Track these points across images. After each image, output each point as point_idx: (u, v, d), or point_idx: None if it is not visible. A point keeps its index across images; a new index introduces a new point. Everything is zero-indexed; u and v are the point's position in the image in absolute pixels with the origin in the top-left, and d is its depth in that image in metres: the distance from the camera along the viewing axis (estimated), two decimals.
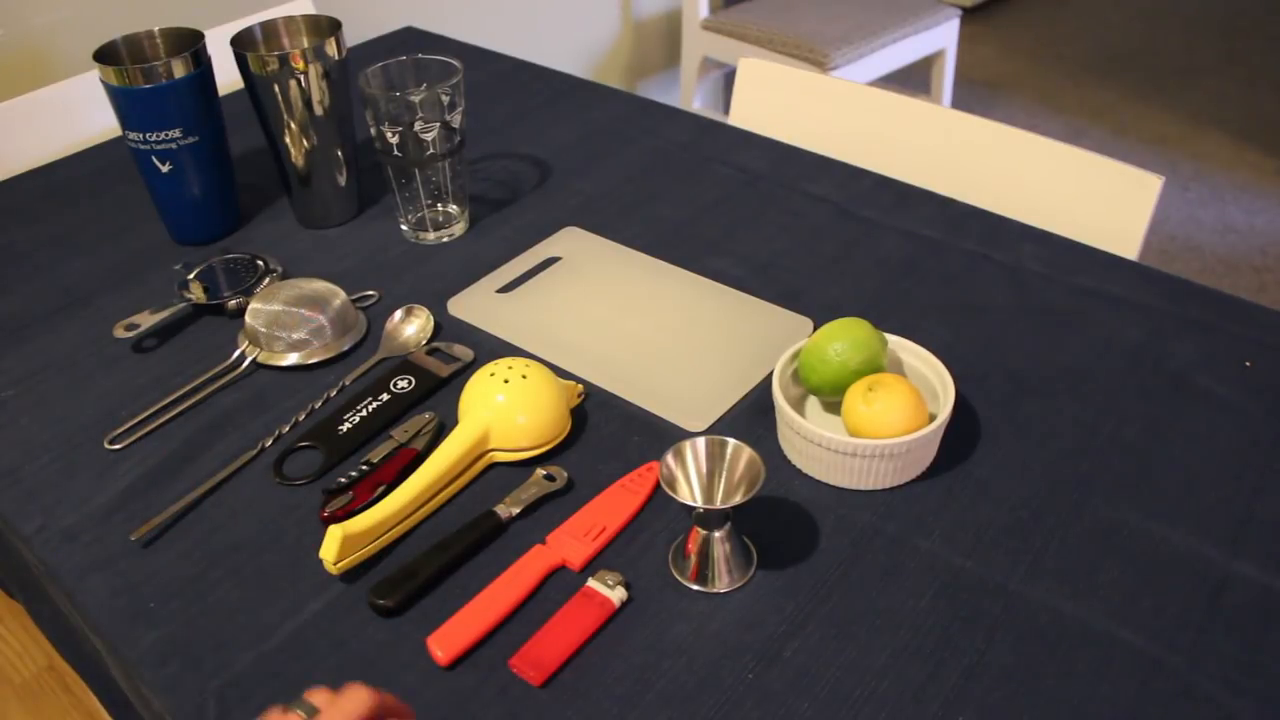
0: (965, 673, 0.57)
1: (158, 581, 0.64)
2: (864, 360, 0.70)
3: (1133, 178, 0.96)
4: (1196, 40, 3.29)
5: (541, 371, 0.72)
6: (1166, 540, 0.63)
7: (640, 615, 0.61)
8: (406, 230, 0.97)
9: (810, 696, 0.56)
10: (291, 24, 0.97)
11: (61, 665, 1.51)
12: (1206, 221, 2.40)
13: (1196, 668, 0.56)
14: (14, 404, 0.80)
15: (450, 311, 0.87)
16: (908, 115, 1.13)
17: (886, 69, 2.31)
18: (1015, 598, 0.60)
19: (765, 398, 0.76)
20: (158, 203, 0.97)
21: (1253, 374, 0.76)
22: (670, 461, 0.61)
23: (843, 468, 0.67)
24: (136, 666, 0.60)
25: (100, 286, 0.93)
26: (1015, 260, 0.89)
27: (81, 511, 0.70)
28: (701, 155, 1.08)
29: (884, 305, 0.85)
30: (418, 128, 0.88)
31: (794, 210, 0.98)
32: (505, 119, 1.18)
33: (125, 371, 0.82)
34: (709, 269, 0.90)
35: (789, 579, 0.62)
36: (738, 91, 1.24)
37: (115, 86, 0.89)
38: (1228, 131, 2.76)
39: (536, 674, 0.57)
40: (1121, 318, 0.82)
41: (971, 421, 0.73)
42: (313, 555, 0.65)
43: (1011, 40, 3.35)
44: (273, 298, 0.82)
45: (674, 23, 2.63)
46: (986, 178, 1.05)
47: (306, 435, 0.74)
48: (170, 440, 0.75)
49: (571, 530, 0.65)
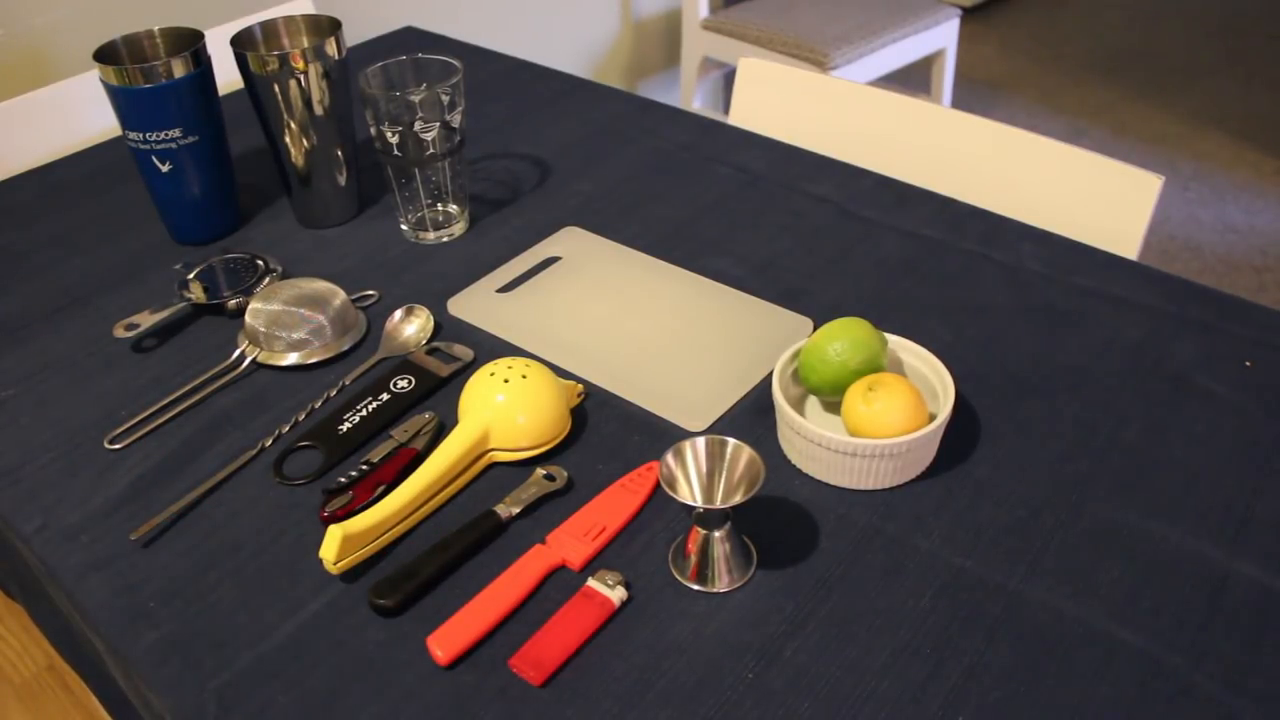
0: (965, 673, 0.57)
1: (158, 581, 0.65)
2: (864, 360, 0.70)
3: (1133, 178, 0.96)
4: (1196, 40, 3.29)
5: (541, 371, 0.72)
6: (1166, 540, 0.63)
7: (640, 615, 0.61)
8: (406, 230, 0.97)
9: (810, 696, 0.56)
10: (291, 24, 0.97)
11: (61, 665, 1.51)
12: (1206, 221, 2.40)
13: (1196, 668, 0.56)
14: (14, 404, 0.80)
15: (450, 311, 0.87)
16: (908, 115, 1.13)
17: (886, 69, 2.31)
18: (1015, 598, 0.61)
19: (765, 398, 0.76)
20: (158, 203, 0.97)
21: (1253, 374, 0.76)
22: (670, 461, 0.61)
23: (843, 468, 0.67)
24: (136, 666, 0.60)
25: (100, 286, 0.93)
26: (1015, 260, 0.89)
27: (81, 511, 0.70)
28: (701, 155, 1.08)
29: (884, 305, 0.85)
30: (418, 128, 0.88)
31: (794, 210, 0.98)
32: (505, 119, 1.18)
33: (125, 371, 0.82)
34: (709, 269, 0.90)
35: (789, 579, 0.62)
36: (738, 91, 1.24)
37: (115, 86, 0.89)
38: (1227, 131, 2.76)
39: (536, 674, 0.57)
40: (1121, 318, 0.82)
41: (971, 421, 0.73)
42: (313, 555, 0.65)
43: (1011, 40, 3.35)
44: (273, 298, 0.82)
45: (674, 23, 2.63)
46: (986, 178, 1.05)
47: (306, 435, 0.74)
48: (170, 440, 0.75)
49: (571, 530, 0.65)
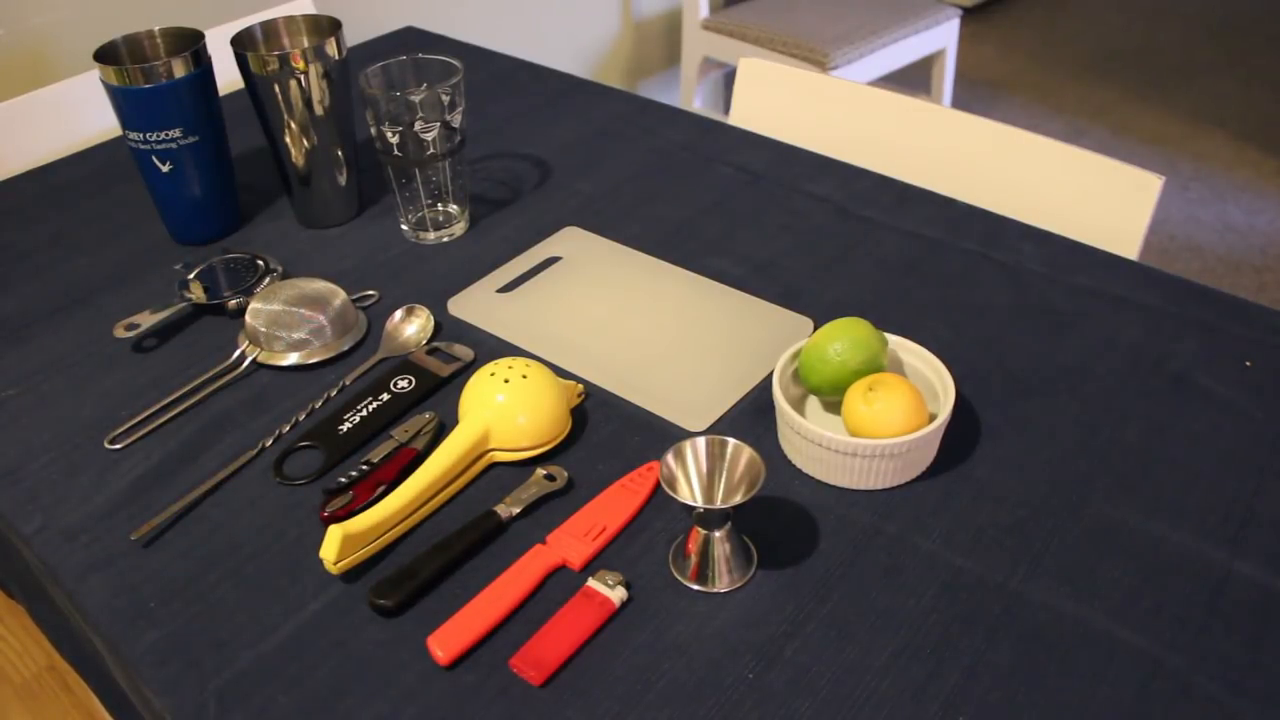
0: (965, 673, 0.57)
1: (158, 581, 0.65)
2: (864, 360, 0.70)
3: (1133, 178, 0.96)
4: (1196, 40, 3.29)
5: (541, 371, 0.72)
6: (1166, 540, 0.63)
7: (640, 615, 0.61)
8: (406, 230, 0.97)
9: (810, 696, 0.56)
10: (291, 24, 0.97)
11: (61, 665, 1.51)
12: (1206, 221, 2.40)
13: (1196, 668, 0.56)
14: (14, 404, 0.80)
15: (450, 311, 0.87)
16: (908, 115, 1.13)
17: (886, 69, 2.31)
18: (1015, 598, 0.61)
19: (765, 398, 0.76)
20: (158, 203, 0.97)
21: (1253, 374, 0.76)
22: (670, 461, 0.61)
23: (843, 468, 0.67)
24: (136, 666, 0.60)
25: (100, 286, 0.93)
26: (1015, 260, 0.89)
27: (81, 511, 0.70)
28: (701, 155, 1.08)
29: (884, 305, 0.85)
30: (418, 128, 0.88)
31: (794, 210, 0.98)
32: (505, 119, 1.18)
33: (125, 371, 0.82)
34: (709, 269, 0.90)
35: (789, 579, 0.62)
36: (738, 91, 1.24)
37: (115, 86, 0.89)
38: (1227, 131, 2.76)
39: (537, 674, 0.57)
40: (1121, 318, 0.82)
41: (971, 421, 0.73)
42: (313, 555, 0.65)
43: (1011, 40, 3.35)
44: (273, 297, 0.82)
45: (674, 23, 2.63)
46: (986, 178, 1.05)
47: (307, 435, 0.74)
48: (170, 440, 0.75)
49: (571, 530, 0.65)
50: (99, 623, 0.63)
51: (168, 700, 0.58)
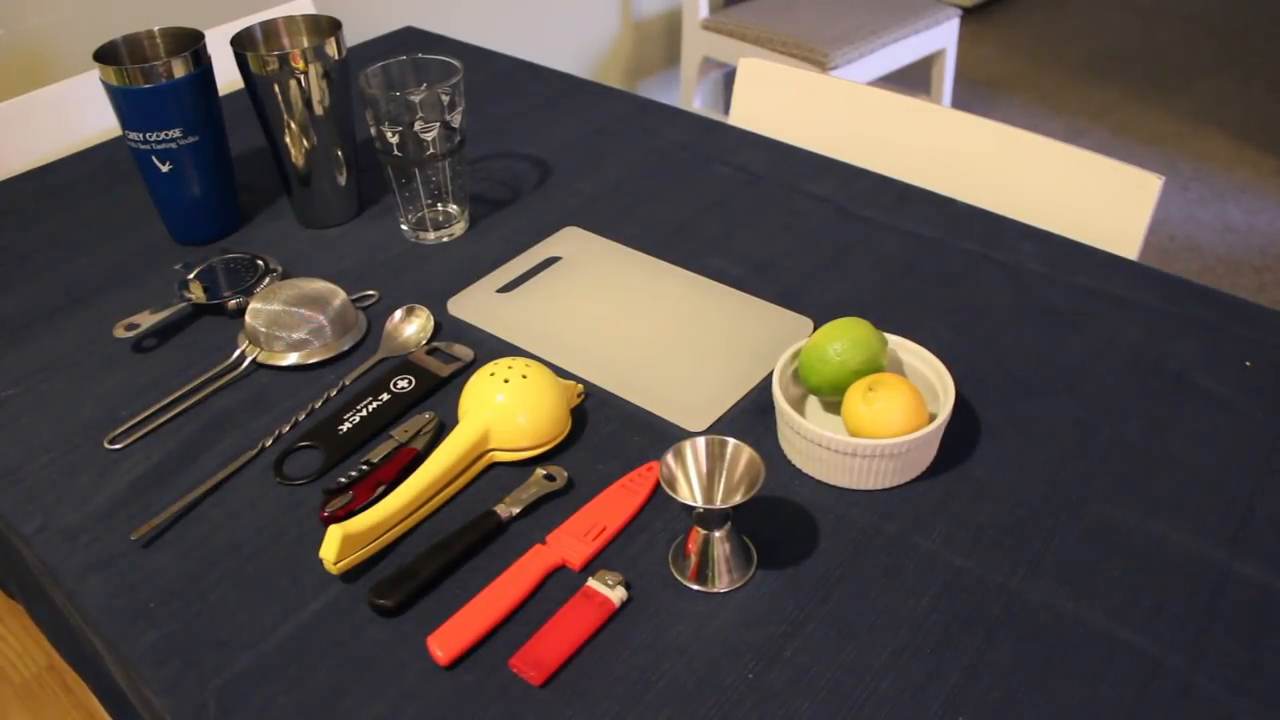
0: (965, 673, 0.57)
1: (158, 581, 0.65)
2: (864, 360, 0.70)
3: (1132, 178, 0.96)
4: (1196, 40, 3.29)
5: (541, 371, 0.72)
6: (1166, 540, 0.63)
7: (640, 615, 0.61)
8: (406, 230, 0.97)
9: (810, 696, 0.56)
10: (291, 24, 0.97)
11: (61, 665, 1.51)
12: (1206, 221, 2.40)
13: (1196, 668, 0.56)
14: (14, 404, 0.80)
15: (450, 311, 0.87)
16: (908, 115, 1.13)
17: (886, 69, 2.31)
18: (1015, 598, 0.61)
19: (765, 398, 0.76)
20: (158, 203, 0.97)
21: (1253, 374, 0.76)
22: (670, 461, 0.61)
23: (843, 468, 0.67)
24: (136, 666, 0.60)
25: (100, 286, 0.93)
26: (1015, 260, 0.89)
27: (81, 511, 0.70)
28: (701, 155, 1.08)
29: (884, 305, 0.85)
30: (418, 128, 0.88)
31: (794, 210, 0.98)
32: (505, 119, 1.18)
33: (125, 371, 0.82)
34: (709, 269, 0.90)
35: (789, 579, 0.62)
36: (738, 91, 1.24)
37: (115, 86, 0.89)
38: (1227, 131, 2.76)
39: (536, 674, 0.57)
40: (1121, 318, 0.82)
41: (971, 421, 0.73)
42: (313, 555, 0.65)
43: (1011, 40, 3.35)
44: (273, 297, 0.82)
45: (674, 23, 2.63)
46: (986, 178, 1.05)
47: (306, 435, 0.74)
48: (170, 440, 0.75)
49: (571, 530, 0.65)
50: (98, 623, 0.63)
51: (167, 700, 0.58)
